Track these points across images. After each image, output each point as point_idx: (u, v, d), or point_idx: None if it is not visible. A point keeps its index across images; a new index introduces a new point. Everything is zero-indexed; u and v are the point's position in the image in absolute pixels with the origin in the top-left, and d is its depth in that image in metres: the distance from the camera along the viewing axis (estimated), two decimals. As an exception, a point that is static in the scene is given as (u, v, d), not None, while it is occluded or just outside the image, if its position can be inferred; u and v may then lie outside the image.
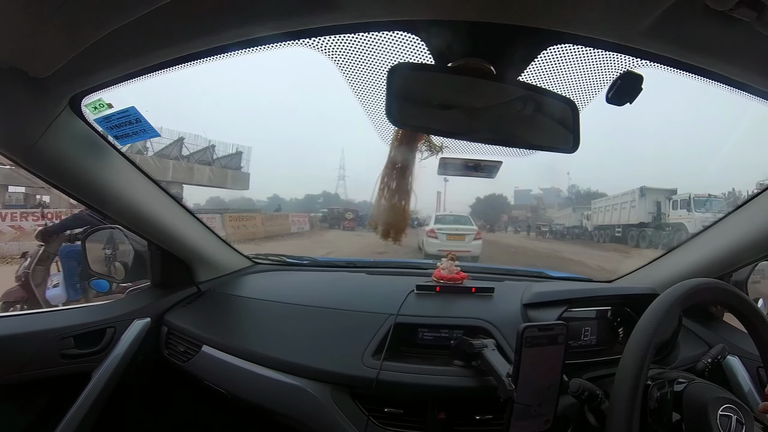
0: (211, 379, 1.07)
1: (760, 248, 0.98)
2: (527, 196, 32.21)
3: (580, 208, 20.65)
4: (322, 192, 30.52)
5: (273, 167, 70.50)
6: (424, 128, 0.70)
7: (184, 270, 1.29)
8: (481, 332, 1.00)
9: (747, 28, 0.49)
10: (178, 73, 0.68)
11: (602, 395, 0.78)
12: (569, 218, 20.79)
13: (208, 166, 15.44)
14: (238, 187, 17.36)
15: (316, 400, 0.92)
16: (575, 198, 26.65)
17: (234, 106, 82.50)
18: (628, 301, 1.07)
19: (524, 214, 27.35)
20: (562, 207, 24.99)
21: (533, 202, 29.85)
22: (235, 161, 16.82)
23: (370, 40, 0.61)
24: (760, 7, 0.46)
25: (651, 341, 0.64)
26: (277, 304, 1.18)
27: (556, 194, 30.85)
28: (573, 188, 29.12)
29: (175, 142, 14.36)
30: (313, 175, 75.34)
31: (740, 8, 0.46)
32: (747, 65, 0.61)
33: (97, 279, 1.28)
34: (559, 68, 0.68)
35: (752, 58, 0.59)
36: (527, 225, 23.91)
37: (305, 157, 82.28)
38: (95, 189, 0.90)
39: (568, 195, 28.59)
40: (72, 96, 0.73)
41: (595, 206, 18.15)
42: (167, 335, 1.19)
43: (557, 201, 28.71)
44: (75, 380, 1.05)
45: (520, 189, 33.51)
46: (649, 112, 57.66)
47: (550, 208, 26.66)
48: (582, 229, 18.89)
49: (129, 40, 0.57)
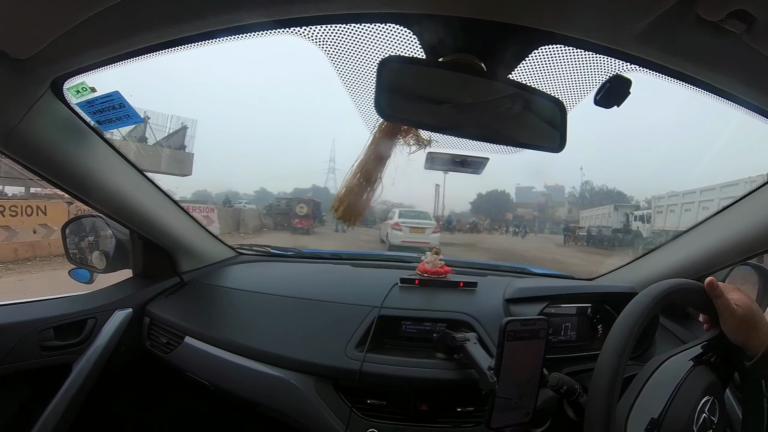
0: (193, 371, 1.06)
1: (735, 252, 1.02)
2: (529, 194, 30.31)
3: (623, 207, 18.31)
4: (311, 186, 29.55)
5: (261, 160, 69.13)
6: (413, 122, 0.70)
7: (166, 260, 1.27)
8: (463, 326, 1.02)
9: (736, 40, 0.51)
10: (162, 58, 0.67)
11: (581, 389, 0.80)
12: (607, 219, 18.14)
13: (139, 144, 9.53)
14: (178, 172, 11.57)
15: (300, 392, 0.92)
16: (590, 196, 24.48)
17: (217, 96, 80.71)
18: (608, 299, 1.10)
19: (530, 212, 25.39)
20: (586, 206, 22.54)
21: (540, 199, 27.80)
22: (177, 139, 11.86)
23: (361, 32, 0.61)
24: (749, 20, 0.47)
25: (629, 338, 0.65)
26: (260, 296, 1.18)
27: (559, 192, 28.95)
28: (587, 185, 26.70)
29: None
30: (305, 167, 74.21)
31: (730, 20, 0.47)
32: (734, 75, 0.62)
33: (78, 269, 1.25)
34: (549, 68, 0.69)
35: (739, 68, 0.60)
36: (542, 226, 21.76)
37: (295, 149, 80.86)
38: (76, 176, 0.88)
39: (580, 193, 26.27)
40: (54, 79, 0.71)
41: (660, 203, 15.01)
42: (149, 326, 1.18)
43: (559, 199, 26.83)
44: (56, 372, 1.02)
45: (521, 186, 31.74)
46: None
47: (559, 206, 24.90)
48: (633, 234, 15.71)
49: (115, 22, 0.55)
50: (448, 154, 0.87)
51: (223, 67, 76.28)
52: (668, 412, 0.66)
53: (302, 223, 13.72)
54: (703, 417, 0.66)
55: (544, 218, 24.10)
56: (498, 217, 24.03)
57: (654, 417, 0.66)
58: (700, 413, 0.66)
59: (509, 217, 23.79)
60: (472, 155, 0.89)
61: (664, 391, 0.68)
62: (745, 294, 0.74)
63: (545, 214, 25.15)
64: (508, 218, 22.73)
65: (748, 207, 0.97)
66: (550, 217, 24.21)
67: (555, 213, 24.71)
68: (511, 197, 28.69)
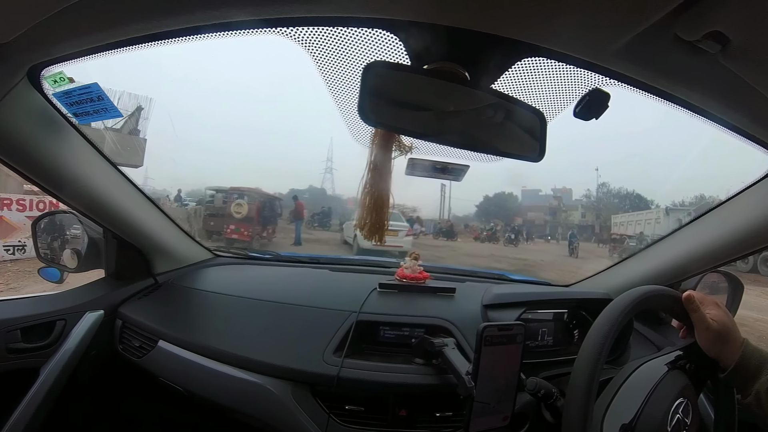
0: (167, 376, 1.03)
1: (707, 260, 1.07)
2: (536, 197, 28.01)
3: (676, 211, 16.10)
4: (308, 186, 28.24)
5: (256, 159, 67.10)
6: (395, 127, 0.71)
7: (140, 260, 1.23)
8: (441, 331, 1.02)
9: (711, 59, 0.53)
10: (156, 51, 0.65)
11: (558, 393, 0.82)
12: (654, 225, 15.73)
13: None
14: (125, 161, 8.26)
15: (277, 398, 0.90)
16: (606, 199, 21.69)
17: (208, 92, 77.65)
18: (584, 305, 1.12)
19: (541, 217, 23.14)
20: (601, 209, 19.77)
21: (552, 202, 25.01)
22: (130, 123, 9.55)
23: (348, 36, 0.61)
24: (724, 42, 0.49)
25: (605, 342, 0.67)
26: (237, 299, 1.15)
27: (567, 195, 26.63)
28: (603, 187, 23.50)
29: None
30: (303, 168, 71.99)
31: (706, 41, 0.50)
32: (708, 93, 0.65)
33: (47, 267, 1.20)
34: (531, 79, 0.70)
35: (713, 86, 0.63)
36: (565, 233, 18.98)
37: (292, 148, 78.41)
38: (49, 168, 0.84)
39: (595, 196, 23.33)
40: (32, 66, 0.68)
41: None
42: (122, 329, 1.14)
43: (571, 203, 24.34)
44: (22, 376, 0.98)
45: (527, 189, 29.44)
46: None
47: (572, 210, 22.46)
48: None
49: (98, 11, 0.54)
50: (429, 160, 0.88)
51: (215, 63, 73.83)
52: (643, 412, 0.68)
53: (241, 233, 8.88)
54: (677, 418, 0.69)
55: (556, 223, 22.06)
56: (507, 221, 21.61)
57: (628, 420, 0.68)
58: (674, 414, 0.69)
59: (519, 221, 21.36)
60: (453, 162, 0.90)
61: (639, 393, 0.70)
62: (721, 308, 0.77)
63: (557, 218, 22.80)
64: (518, 223, 20.17)
65: (718, 217, 1.02)
66: (564, 221, 22.03)
67: (569, 217, 22.38)
68: (519, 200, 26.63)
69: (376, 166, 0.81)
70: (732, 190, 0.99)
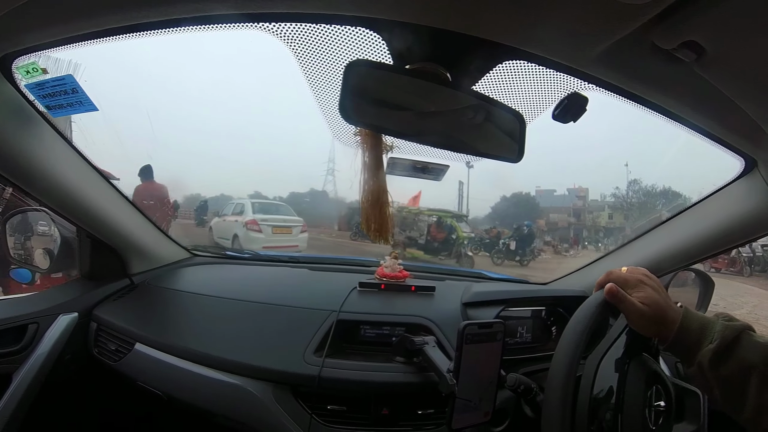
0: (145, 380, 1.01)
1: (680, 259, 1.11)
2: (551, 197, 25.35)
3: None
4: (309, 190, 26.63)
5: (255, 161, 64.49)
6: (376, 127, 0.71)
7: (115, 260, 1.20)
8: (422, 329, 1.03)
9: (686, 68, 0.55)
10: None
11: (537, 388, 0.83)
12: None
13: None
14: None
15: (258, 399, 0.89)
16: (637, 197, 18.54)
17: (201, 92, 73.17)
18: (561, 302, 1.15)
19: (565, 219, 19.89)
20: (632, 210, 17.18)
21: (577, 203, 21.43)
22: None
23: (331, 33, 0.61)
24: (699, 51, 0.52)
25: (581, 338, 0.68)
26: (216, 299, 1.13)
27: (583, 197, 22.59)
28: (634, 184, 19.02)
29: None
30: (304, 171, 67.93)
31: (682, 49, 0.52)
32: (682, 99, 0.68)
33: (18, 268, 1.15)
34: (512, 82, 0.72)
35: (688, 94, 0.66)
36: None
37: (292, 149, 75.02)
38: (19, 162, 0.81)
39: (624, 195, 19.63)
40: (3, 56, 0.66)
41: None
42: (97, 332, 1.10)
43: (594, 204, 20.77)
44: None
45: (541, 189, 27.02)
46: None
47: (599, 212, 19.60)
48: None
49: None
50: (410, 160, 0.89)
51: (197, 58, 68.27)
52: (624, 413, 0.67)
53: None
54: (656, 408, 0.69)
55: (581, 225, 19.35)
56: (564, 227, 18.74)
57: (608, 416, 0.68)
58: (651, 407, 0.69)
59: (542, 225, 18.18)
60: (433, 162, 0.91)
61: (610, 387, 0.71)
62: (649, 284, 0.72)
63: (582, 221, 19.73)
64: (541, 226, 17.32)
65: (691, 217, 1.06)
66: (591, 224, 19.35)
67: (596, 219, 19.47)
68: (536, 201, 23.84)
69: (369, 166, 0.81)
70: (704, 191, 1.03)
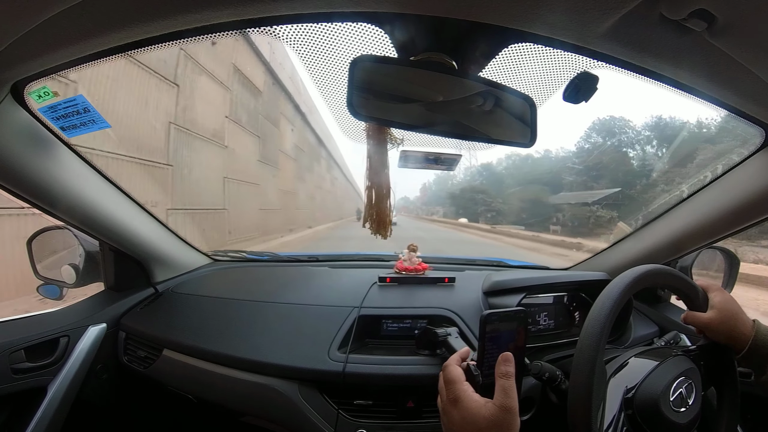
0: (175, 384, 1.03)
1: (702, 237, 1.07)
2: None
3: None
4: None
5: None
6: (385, 121, 0.70)
7: (139, 271, 1.23)
8: (444, 321, 1.03)
9: (697, 37, 0.53)
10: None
11: (562, 375, 0.82)
12: None
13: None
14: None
15: (285, 398, 0.91)
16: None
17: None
18: (583, 287, 1.13)
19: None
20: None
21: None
22: None
23: (333, 31, 0.61)
24: (710, 19, 0.49)
25: (605, 323, 0.67)
26: (238, 302, 1.15)
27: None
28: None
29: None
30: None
31: (692, 19, 0.50)
32: (695, 71, 0.65)
33: (46, 284, 1.19)
34: (519, 66, 0.70)
35: (700, 64, 0.63)
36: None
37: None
38: (40, 185, 0.83)
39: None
40: (15, 83, 0.67)
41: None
42: (125, 341, 1.13)
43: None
44: (30, 396, 0.97)
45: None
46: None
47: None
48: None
49: (78, 23, 0.53)
50: (422, 151, 0.88)
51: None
52: (646, 380, 0.69)
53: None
54: (679, 392, 0.69)
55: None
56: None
57: (631, 384, 0.69)
58: (677, 388, 0.69)
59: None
60: (446, 152, 0.90)
61: (644, 366, 0.71)
62: (725, 293, 0.77)
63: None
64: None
65: (711, 194, 1.02)
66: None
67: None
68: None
69: (373, 160, 0.81)
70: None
